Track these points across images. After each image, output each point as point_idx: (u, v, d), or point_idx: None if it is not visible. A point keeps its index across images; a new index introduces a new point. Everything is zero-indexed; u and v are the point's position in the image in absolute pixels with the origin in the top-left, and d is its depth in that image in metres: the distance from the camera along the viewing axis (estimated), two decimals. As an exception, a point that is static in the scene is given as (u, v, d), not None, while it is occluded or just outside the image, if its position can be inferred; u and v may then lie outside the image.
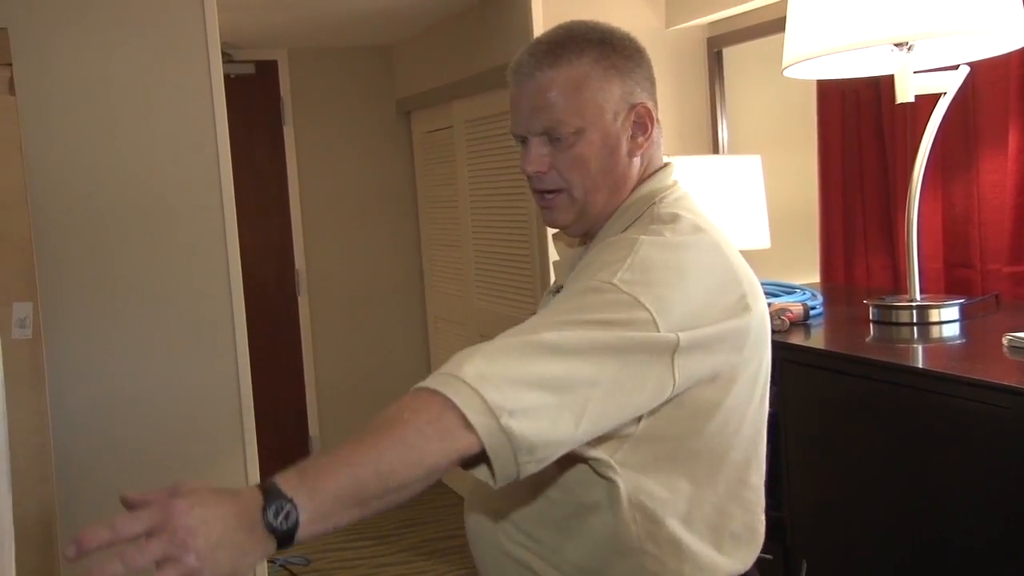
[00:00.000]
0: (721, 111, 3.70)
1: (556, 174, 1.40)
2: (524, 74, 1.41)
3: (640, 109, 1.41)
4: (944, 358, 2.03)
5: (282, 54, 5.04)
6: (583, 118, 1.37)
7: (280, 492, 1.02)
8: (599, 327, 1.20)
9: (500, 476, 1.15)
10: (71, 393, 2.98)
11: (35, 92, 2.90)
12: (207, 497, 1.00)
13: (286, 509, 1.01)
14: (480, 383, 1.12)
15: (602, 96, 1.38)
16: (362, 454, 1.08)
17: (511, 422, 1.12)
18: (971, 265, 2.54)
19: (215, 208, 3.12)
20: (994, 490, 1.65)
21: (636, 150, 1.41)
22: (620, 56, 1.40)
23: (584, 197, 1.40)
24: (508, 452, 1.13)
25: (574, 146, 1.38)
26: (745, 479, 1.42)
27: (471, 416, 1.11)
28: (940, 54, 2.24)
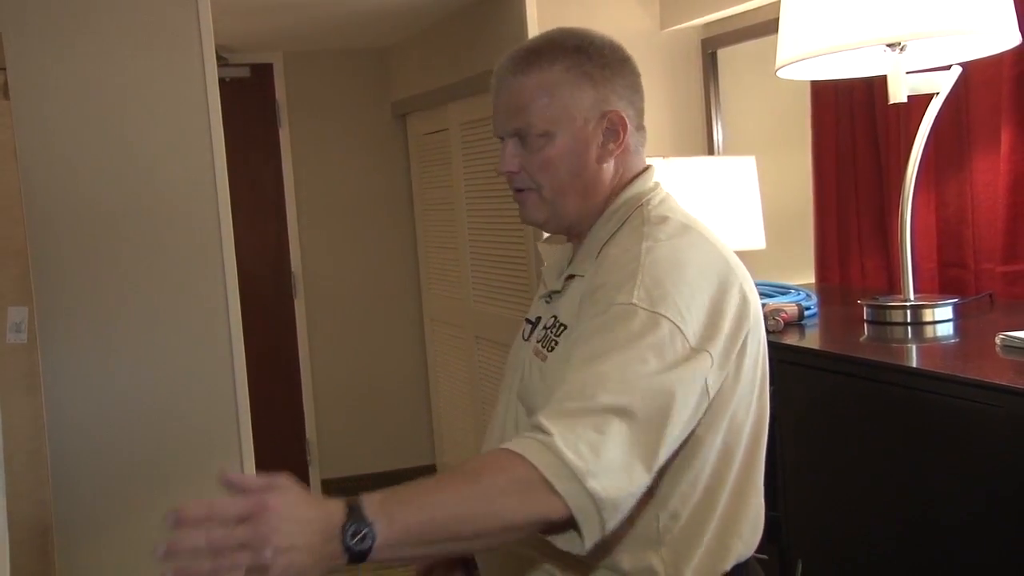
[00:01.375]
0: (716, 112, 3.70)
1: (526, 175, 1.46)
2: (501, 78, 1.48)
3: (612, 116, 1.44)
4: (938, 357, 2.03)
5: (277, 57, 5.04)
6: (551, 122, 1.42)
7: (363, 514, 1.09)
8: (640, 362, 1.24)
9: (588, 538, 1.18)
10: (67, 398, 2.98)
11: (29, 96, 2.89)
12: (299, 499, 1.08)
13: (363, 531, 1.08)
14: (561, 447, 1.15)
15: (572, 102, 1.42)
16: (444, 497, 1.14)
17: (595, 484, 1.15)
18: (965, 265, 2.54)
19: (211, 211, 3.11)
20: (988, 489, 1.66)
21: (606, 156, 1.45)
22: (595, 65, 1.44)
23: (553, 198, 1.46)
24: (594, 514, 1.16)
25: (542, 149, 1.44)
26: (755, 463, 1.46)
27: (556, 482, 1.15)
28: (932, 54, 2.25)
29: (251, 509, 1.05)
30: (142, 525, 3.07)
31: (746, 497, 1.44)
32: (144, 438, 3.07)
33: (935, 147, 2.55)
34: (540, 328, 1.50)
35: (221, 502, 1.06)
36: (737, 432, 1.41)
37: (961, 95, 2.45)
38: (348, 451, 5.21)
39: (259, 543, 1.03)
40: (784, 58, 2.24)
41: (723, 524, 1.41)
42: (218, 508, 1.06)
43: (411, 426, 5.32)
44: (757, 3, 3.21)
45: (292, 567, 1.05)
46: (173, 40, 3.06)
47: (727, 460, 1.40)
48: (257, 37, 4.62)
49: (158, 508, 3.30)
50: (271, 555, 1.03)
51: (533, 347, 1.48)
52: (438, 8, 4.11)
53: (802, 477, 2.13)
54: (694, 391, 1.28)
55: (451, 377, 4.92)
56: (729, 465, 1.41)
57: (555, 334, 1.44)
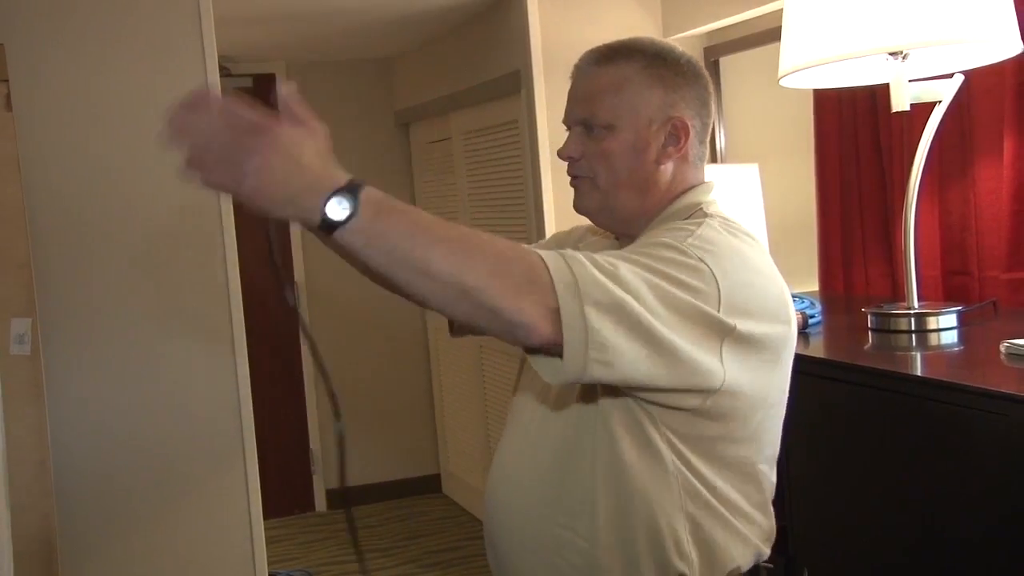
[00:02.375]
0: (719, 120, 3.70)
1: (586, 163, 1.49)
2: (579, 69, 1.52)
3: (677, 122, 1.47)
4: (942, 365, 2.03)
5: (280, 67, 5.05)
6: (617, 116, 1.46)
7: (356, 195, 1.07)
8: (671, 281, 1.25)
9: (567, 364, 1.18)
10: (70, 409, 2.98)
11: (33, 108, 2.90)
12: (311, 146, 1.08)
13: (347, 207, 1.07)
14: (576, 269, 1.17)
15: (640, 100, 1.46)
16: (442, 225, 1.13)
17: (591, 311, 1.16)
18: (968, 272, 2.54)
19: (214, 222, 3.12)
20: (994, 497, 1.65)
21: (664, 159, 1.48)
22: (670, 70, 1.48)
23: (607, 189, 1.48)
24: (582, 340, 1.17)
25: (604, 140, 1.47)
26: (770, 475, 1.50)
27: (560, 289, 1.16)
28: (935, 63, 2.25)
29: (263, 124, 1.06)
30: (146, 536, 3.07)
31: (764, 505, 1.48)
32: (148, 449, 3.07)
33: (938, 155, 2.55)
34: None
35: (242, 104, 1.05)
36: (762, 442, 1.45)
37: (964, 103, 2.45)
38: (354, 461, 5.21)
39: (247, 152, 1.05)
40: (787, 67, 2.24)
41: (739, 531, 1.43)
42: (235, 105, 1.05)
43: (416, 435, 5.32)
44: (760, 11, 3.21)
45: (261, 192, 1.06)
46: (176, 50, 3.07)
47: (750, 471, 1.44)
48: (260, 47, 4.63)
49: (162, 519, 3.32)
50: (250, 167, 1.04)
51: None
52: (441, 18, 4.11)
53: (807, 485, 2.12)
54: (703, 355, 1.27)
55: (456, 386, 4.92)
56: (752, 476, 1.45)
57: None
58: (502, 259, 1.16)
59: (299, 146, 1.07)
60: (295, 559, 4.55)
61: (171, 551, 3.09)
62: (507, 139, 3.95)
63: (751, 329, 1.32)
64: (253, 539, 3.17)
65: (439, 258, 1.12)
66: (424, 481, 5.33)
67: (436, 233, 1.13)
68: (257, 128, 1.06)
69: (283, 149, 1.06)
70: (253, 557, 3.18)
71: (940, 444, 1.75)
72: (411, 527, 4.87)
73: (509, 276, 1.15)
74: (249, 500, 3.17)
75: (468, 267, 1.13)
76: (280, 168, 1.07)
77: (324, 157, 1.10)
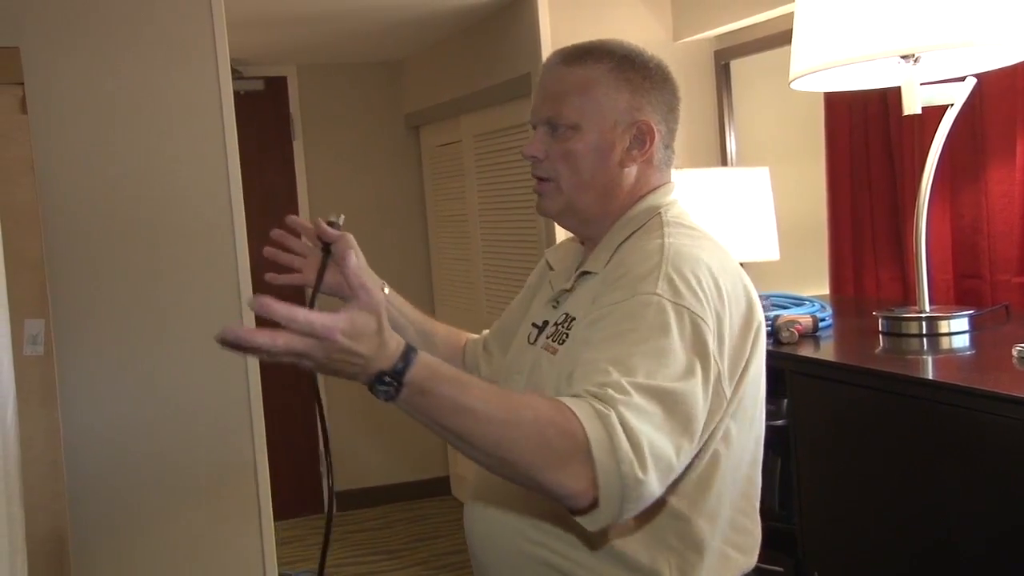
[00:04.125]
0: (729, 123, 3.70)
1: (550, 164, 1.49)
2: (547, 68, 1.52)
3: (642, 125, 1.47)
4: (954, 369, 2.02)
5: (291, 70, 5.07)
6: (582, 116, 1.46)
7: (402, 377, 1.13)
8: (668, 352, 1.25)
9: (602, 514, 1.19)
10: (83, 410, 2.99)
11: (47, 111, 2.92)
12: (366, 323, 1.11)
13: (389, 388, 1.13)
14: (616, 428, 1.16)
15: (607, 102, 1.46)
16: (481, 400, 1.14)
17: (636, 472, 1.16)
18: (980, 276, 2.53)
19: (225, 224, 3.13)
20: (1005, 501, 1.65)
21: (628, 161, 1.48)
22: (638, 73, 1.48)
23: (570, 191, 1.49)
24: (618, 498, 1.17)
25: (568, 140, 1.47)
26: (753, 477, 1.49)
27: (600, 469, 1.15)
28: (947, 66, 2.24)
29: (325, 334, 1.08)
30: (158, 536, 3.08)
31: (748, 510, 1.48)
32: (159, 450, 3.08)
33: (950, 158, 2.54)
34: (548, 329, 1.51)
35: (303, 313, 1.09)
36: (737, 444, 1.43)
37: (976, 106, 2.45)
38: (362, 463, 5.21)
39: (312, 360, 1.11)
40: (798, 70, 2.24)
41: (726, 534, 1.44)
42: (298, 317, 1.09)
43: (425, 438, 5.32)
44: (770, 15, 3.21)
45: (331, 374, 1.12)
46: (188, 54, 3.08)
47: (733, 473, 1.43)
48: (271, 50, 4.64)
49: (173, 519, 3.33)
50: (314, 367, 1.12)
51: (543, 344, 1.50)
52: (451, 21, 4.12)
53: (817, 489, 2.12)
54: (709, 385, 1.29)
55: (465, 389, 4.92)
56: (733, 476, 1.44)
57: (565, 328, 1.46)
58: (543, 437, 1.15)
59: (355, 338, 1.10)
60: (305, 560, 4.55)
61: (182, 552, 3.10)
62: (517, 142, 3.95)
63: (729, 354, 1.34)
64: (264, 540, 3.18)
65: (479, 436, 1.15)
66: (433, 483, 5.33)
67: (477, 412, 1.14)
68: (319, 338, 1.09)
69: (342, 348, 1.09)
70: (263, 558, 3.19)
71: (951, 448, 1.75)
72: (420, 529, 4.87)
73: (549, 451, 1.15)
74: (260, 501, 3.17)
75: (508, 445, 1.15)
76: (340, 361, 1.11)
77: (377, 335, 1.12)
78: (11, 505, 1.72)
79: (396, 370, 1.12)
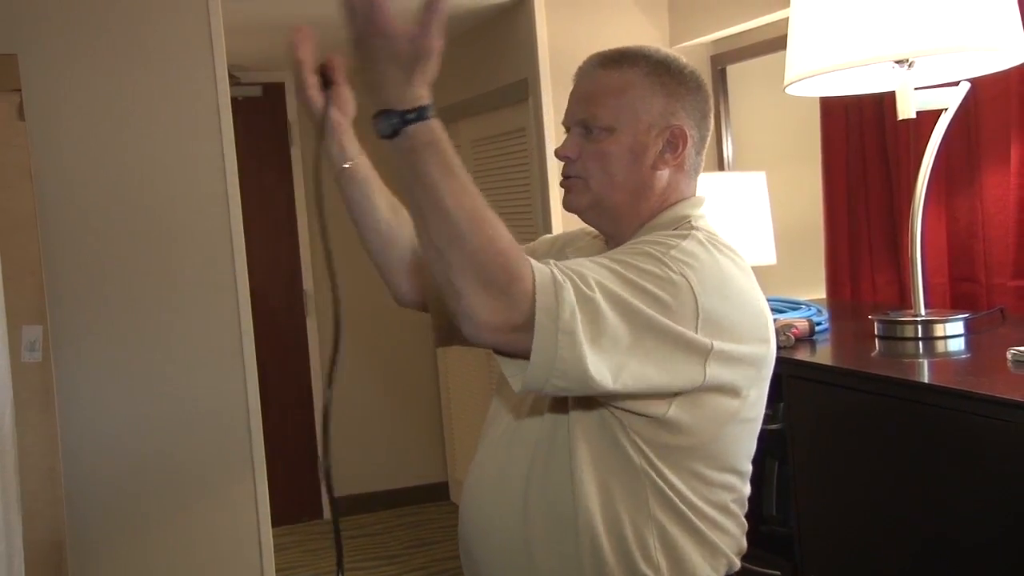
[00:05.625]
0: (726, 128, 3.71)
1: (581, 164, 1.49)
2: (583, 71, 1.53)
3: (676, 130, 1.49)
4: (949, 373, 2.03)
5: (289, 76, 5.05)
6: (617, 119, 1.47)
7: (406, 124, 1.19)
8: (648, 300, 1.26)
9: (529, 377, 1.21)
10: (81, 416, 2.99)
11: (44, 118, 2.92)
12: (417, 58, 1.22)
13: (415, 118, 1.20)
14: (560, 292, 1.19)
15: (641, 105, 1.47)
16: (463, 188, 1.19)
17: (563, 339, 1.18)
18: (976, 279, 2.54)
19: (223, 230, 3.13)
20: (1001, 503, 1.65)
21: (661, 164, 1.49)
22: (673, 79, 1.49)
23: (599, 190, 1.49)
24: (547, 361, 1.19)
25: (602, 141, 1.47)
26: (743, 489, 1.50)
27: (540, 306, 1.18)
28: (941, 70, 2.25)
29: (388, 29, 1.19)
30: (155, 543, 3.08)
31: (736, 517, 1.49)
32: (157, 456, 3.08)
33: (945, 162, 2.55)
34: None
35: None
36: (734, 455, 1.45)
37: (971, 110, 2.46)
38: (361, 469, 5.21)
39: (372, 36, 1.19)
40: (793, 75, 2.25)
41: (709, 540, 1.44)
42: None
43: (424, 443, 5.33)
44: (766, 20, 3.22)
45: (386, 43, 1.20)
46: (186, 60, 3.09)
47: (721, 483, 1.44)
48: (269, 56, 4.65)
49: (171, 526, 3.34)
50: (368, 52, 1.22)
51: None
52: (449, 26, 4.12)
53: (814, 492, 2.13)
54: (682, 368, 1.30)
55: (463, 393, 4.93)
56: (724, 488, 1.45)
57: None
58: (490, 251, 1.16)
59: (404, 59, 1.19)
60: (303, 566, 4.55)
61: (179, 558, 3.10)
62: (515, 147, 3.96)
63: (729, 348, 1.33)
64: (261, 546, 3.19)
65: (451, 207, 1.17)
66: (431, 489, 5.33)
67: (454, 194, 1.17)
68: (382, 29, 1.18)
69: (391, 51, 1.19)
70: (261, 564, 3.19)
71: (947, 451, 1.76)
72: (419, 535, 4.87)
73: (484, 269, 1.17)
74: (257, 507, 3.18)
75: (456, 237, 1.16)
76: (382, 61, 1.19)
77: (420, 75, 1.21)
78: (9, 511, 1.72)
79: (407, 114, 1.18)
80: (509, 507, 1.47)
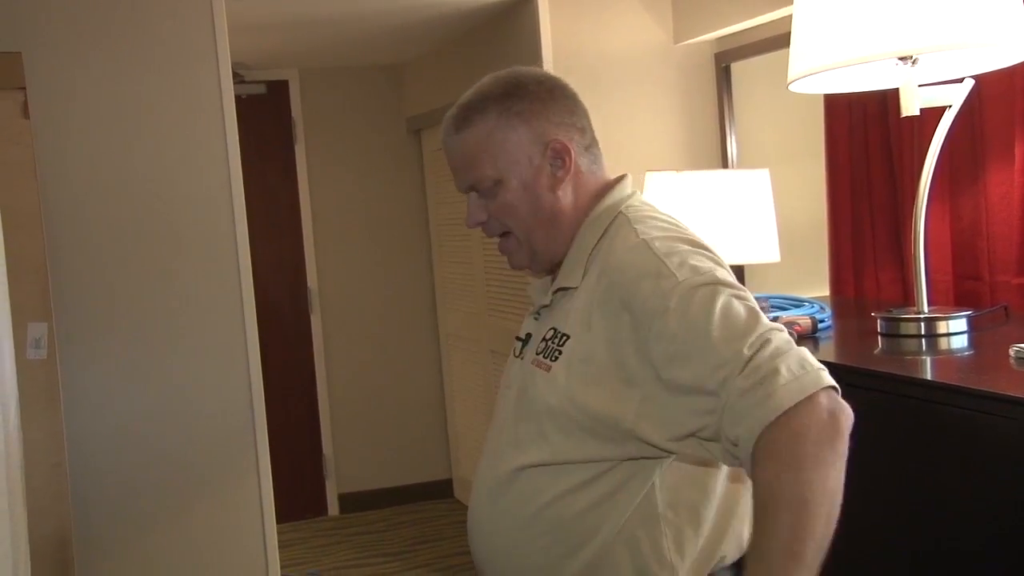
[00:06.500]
0: (730, 125, 3.71)
1: (495, 222, 1.52)
2: (445, 141, 1.55)
3: (554, 145, 1.49)
4: (952, 370, 2.03)
5: (293, 74, 5.08)
6: (496, 169, 1.49)
7: None
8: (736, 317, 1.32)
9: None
10: (86, 413, 3.00)
11: (48, 115, 2.93)
12: None
13: None
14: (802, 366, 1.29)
15: (510, 145, 1.48)
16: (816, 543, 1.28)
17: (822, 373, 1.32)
18: (980, 277, 2.54)
19: (227, 227, 3.14)
20: (1003, 501, 1.65)
21: (557, 184, 1.50)
22: (522, 101, 1.49)
23: (525, 237, 1.52)
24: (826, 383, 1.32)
25: (498, 195, 1.50)
26: None
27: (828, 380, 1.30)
28: (945, 67, 2.25)
29: None
30: (160, 539, 3.09)
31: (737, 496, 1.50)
32: (162, 453, 3.09)
33: (949, 159, 2.55)
34: (535, 343, 1.52)
35: None
36: None
37: (975, 107, 2.45)
38: (365, 466, 5.22)
39: None
40: (796, 72, 2.24)
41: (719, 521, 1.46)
42: None
43: (428, 440, 5.33)
44: (770, 17, 3.22)
45: None
46: (190, 58, 3.10)
47: None
48: (273, 54, 4.65)
49: (176, 523, 3.34)
50: None
51: (532, 359, 1.50)
52: (452, 25, 4.13)
53: (817, 490, 2.13)
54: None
55: (467, 391, 4.93)
56: None
57: (557, 344, 1.46)
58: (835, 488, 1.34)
59: None
60: (307, 563, 4.56)
61: (185, 554, 3.11)
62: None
63: None
64: (266, 543, 3.19)
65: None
66: (435, 486, 5.34)
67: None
68: None
69: None
70: (266, 560, 3.20)
71: (949, 448, 1.76)
72: (422, 532, 4.88)
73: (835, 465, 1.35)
74: (262, 504, 3.18)
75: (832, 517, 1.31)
76: None
77: None
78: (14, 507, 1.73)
79: None
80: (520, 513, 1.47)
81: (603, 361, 1.39)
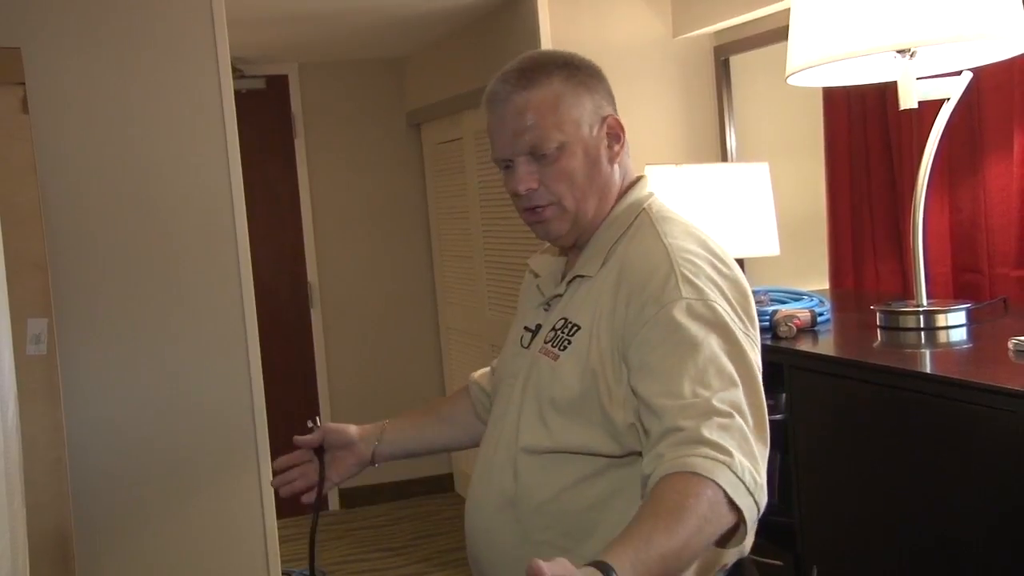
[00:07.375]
0: (729, 119, 3.71)
1: (544, 189, 1.48)
2: (500, 100, 1.49)
3: (611, 120, 1.51)
4: (951, 363, 2.03)
5: (292, 68, 5.08)
6: (564, 132, 1.46)
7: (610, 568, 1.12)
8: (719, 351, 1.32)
9: (749, 533, 1.30)
10: (86, 408, 3.00)
11: (48, 111, 2.93)
12: None
13: None
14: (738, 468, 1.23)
15: (576, 111, 1.47)
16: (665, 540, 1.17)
17: (760, 495, 1.25)
18: (978, 270, 2.54)
19: (227, 222, 3.14)
20: (1002, 493, 1.65)
21: (614, 158, 1.51)
22: (585, 75, 1.50)
23: (575, 206, 1.49)
24: (756, 516, 1.26)
25: (559, 160, 1.46)
26: None
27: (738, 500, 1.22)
28: (943, 60, 2.25)
29: None
30: (161, 534, 3.10)
31: None
32: (163, 448, 3.09)
33: (948, 152, 2.55)
34: (545, 332, 1.52)
35: None
36: None
37: (973, 100, 2.45)
38: (365, 460, 5.22)
39: None
40: (794, 65, 2.24)
41: None
42: None
43: (428, 435, 5.33)
44: (769, 10, 3.21)
45: None
46: (189, 52, 3.09)
47: None
48: (272, 48, 4.65)
49: (176, 518, 3.34)
50: None
51: (541, 348, 1.50)
52: (452, 19, 4.13)
53: (816, 483, 2.13)
54: (756, 357, 1.38)
55: (467, 385, 4.93)
56: None
57: (568, 334, 1.46)
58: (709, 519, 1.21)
59: None
60: (308, 557, 4.56)
61: (185, 549, 3.12)
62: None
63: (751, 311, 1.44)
64: (267, 537, 3.20)
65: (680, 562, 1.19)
66: (436, 480, 5.35)
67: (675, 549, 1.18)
68: None
69: None
70: (267, 555, 3.20)
71: (949, 441, 1.76)
72: (423, 526, 4.89)
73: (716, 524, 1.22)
74: (263, 499, 3.19)
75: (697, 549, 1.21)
76: None
77: None
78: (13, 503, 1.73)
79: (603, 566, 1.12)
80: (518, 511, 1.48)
81: (606, 353, 1.40)
